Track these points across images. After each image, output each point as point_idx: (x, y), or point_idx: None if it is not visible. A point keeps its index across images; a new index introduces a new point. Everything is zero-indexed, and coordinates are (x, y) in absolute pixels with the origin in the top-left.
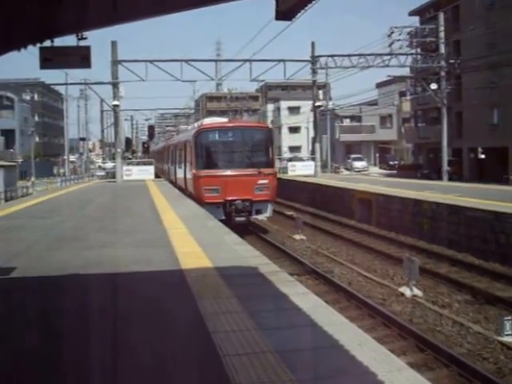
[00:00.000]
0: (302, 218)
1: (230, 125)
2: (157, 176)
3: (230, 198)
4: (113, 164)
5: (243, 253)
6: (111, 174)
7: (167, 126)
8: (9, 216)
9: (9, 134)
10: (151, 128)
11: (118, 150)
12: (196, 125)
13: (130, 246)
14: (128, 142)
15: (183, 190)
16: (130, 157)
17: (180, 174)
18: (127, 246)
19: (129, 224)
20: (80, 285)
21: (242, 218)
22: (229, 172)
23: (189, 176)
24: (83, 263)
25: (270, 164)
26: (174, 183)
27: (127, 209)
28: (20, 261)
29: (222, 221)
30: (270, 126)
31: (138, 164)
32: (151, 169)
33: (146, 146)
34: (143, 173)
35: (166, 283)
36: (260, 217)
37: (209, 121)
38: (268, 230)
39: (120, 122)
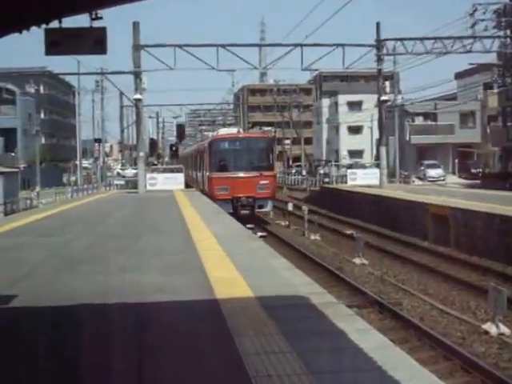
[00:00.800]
0: (364, 238)
1: (238, 135)
2: (187, 185)
3: (236, 195)
4: (134, 171)
5: (292, 279)
6: (132, 184)
7: (200, 124)
8: (9, 233)
9: (9, 134)
10: (181, 127)
11: (141, 153)
12: (211, 134)
13: (156, 271)
14: (153, 144)
15: (201, 190)
16: (155, 162)
17: (199, 175)
18: (152, 271)
19: (154, 244)
20: (95, 317)
21: (247, 212)
22: (236, 174)
23: (205, 177)
24: (99, 290)
25: (271, 167)
26: (197, 185)
27: (152, 225)
28: (22, 287)
29: (230, 213)
30: (271, 134)
31: (164, 171)
32: (180, 177)
33: (174, 149)
34: (171, 182)
35: (197, 316)
36: (262, 211)
37: (224, 131)
38: (323, 252)
39: (143, 119)
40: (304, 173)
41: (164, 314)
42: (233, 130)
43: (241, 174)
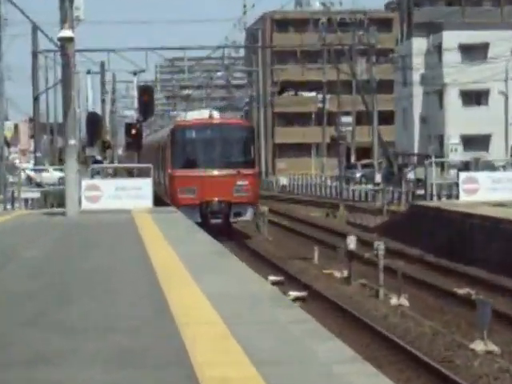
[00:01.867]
0: (492, 303)
1: (211, 121)
2: (158, 200)
3: (206, 200)
4: (59, 174)
5: (357, 382)
6: (55, 198)
7: (183, 87)
8: None
9: None
10: (146, 92)
11: (72, 141)
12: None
13: (98, 363)
14: (94, 123)
15: (162, 193)
16: (99, 158)
17: (161, 176)
18: (91, 363)
19: (94, 311)
20: None
21: (219, 220)
22: (206, 172)
23: (165, 176)
24: None
25: (251, 164)
26: (159, 189)
27: (91, 278)
28: None
29: (198, 224)
30: (253, 123)
31: (115, 174)
32: (146, 185)
33: (134, 132)
34: (128, 194)
35: None
36: (240, 220)
37: (196, 115)
38: (414, 330)
39: (76, 77)
40: (378, 179)
41: None
42: (204, 114)
43: (212, 172)
